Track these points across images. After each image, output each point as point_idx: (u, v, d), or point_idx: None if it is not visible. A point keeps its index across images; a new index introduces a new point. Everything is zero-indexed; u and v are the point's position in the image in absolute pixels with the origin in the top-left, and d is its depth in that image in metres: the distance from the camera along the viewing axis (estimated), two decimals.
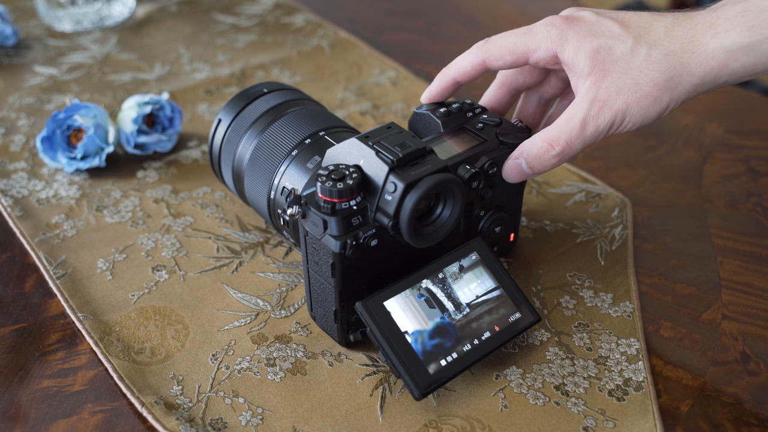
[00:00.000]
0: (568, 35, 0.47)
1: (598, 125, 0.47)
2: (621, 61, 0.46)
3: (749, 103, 0.79)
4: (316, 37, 0.93)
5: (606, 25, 0.47)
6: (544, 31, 0.48)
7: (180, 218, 0.62)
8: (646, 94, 0.46)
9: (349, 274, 0.46)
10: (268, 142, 0.55)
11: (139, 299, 0.55)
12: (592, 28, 0.47)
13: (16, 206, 0.64)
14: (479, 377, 0.48)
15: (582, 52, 0.47)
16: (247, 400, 0.47)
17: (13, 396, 0.48)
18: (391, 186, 0.44)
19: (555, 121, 0.49)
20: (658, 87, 0.46)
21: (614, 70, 0.46)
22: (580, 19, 0.48)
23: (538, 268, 0.57)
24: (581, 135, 0.47)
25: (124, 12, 0.97)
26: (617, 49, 0.46)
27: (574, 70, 0.48)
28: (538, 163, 0.48)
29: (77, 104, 0.68)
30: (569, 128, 0.47)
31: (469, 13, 1.01)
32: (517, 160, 0.49)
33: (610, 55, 0.46)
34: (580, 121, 0.47)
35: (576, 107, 0.47)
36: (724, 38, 0.44)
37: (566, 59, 0.48)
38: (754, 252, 0.59)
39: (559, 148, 0.47)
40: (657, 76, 0.46)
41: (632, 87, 0.46)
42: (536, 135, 0.49)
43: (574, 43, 0.47)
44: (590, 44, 0.47)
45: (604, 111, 0.46)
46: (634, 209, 0.63)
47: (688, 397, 0.47)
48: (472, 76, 0.52)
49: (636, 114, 0.46)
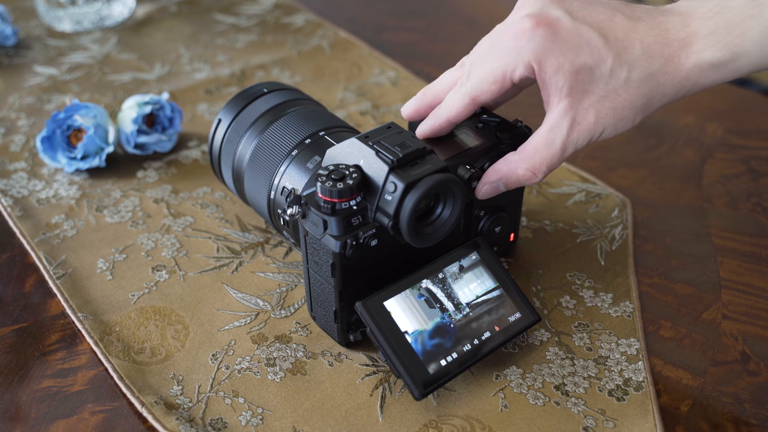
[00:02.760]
0: (546, 50, 0.44)
1: (577, 146, 0.47)
2: (600, 82, 0.45)
3: (749, 103, 0.79)
4: (316, 37, 0.93)
5: (585, 36, 0.44)
6: (515, 48, 0.45)
7: (180, 218, 0.62)
8: (622, 117, 0.46)
9: (349, 274, 0.46)
10: (268, 142, 0.55)
11: (139, 299, 0.55)
12: (570, 41, 0.44)
13: (16, 206, 0.64)
14: (479, 377, 0.48)
15: (561, 72, 0.44)
16: (247, 400, 0.47)
17: (13, 396, 0.48)
18: (391, 186, 0.44)
19: (533, 142, 0.47)
20: (634, 110, 0.46)
21: (593, 92, 0.45)
22: (553, 24, 0.44)
23: (538, 268, 0.57)
24: (561, 157, 0.47)
25: (124, 12, 0.97)
26: (598, 69, 0.45)
27: (549, 86, 0.45)
28: (517, 185, 0.48)
29: (77, 104, 0.68)
30: (550, 153, 0.46)
31: (469, 13, 1.01)
32: (495, 185, 0.48)
33: (590, 75, 0.45)
34: (561, 145, 0.46)
35: (555, 130, 0.46)
36: (698, 58, 0.45)
37: (544, 76, 0.45)
38: (754, 252, 0.59)
39: (541, 174, 0.47)
40: (635, 101, 0.46)
41: (610, 111, 0.46)
42: (515, 161, 0.47)
43: (553, 62, 0.44)
44: (571, 64, 0.44)
45: (582, 134, 0.46)
46: (634, 209, 0.63)
47: (688, 397, 0.47)
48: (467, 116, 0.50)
49: (610, 133, 0.47)
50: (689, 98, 0.49)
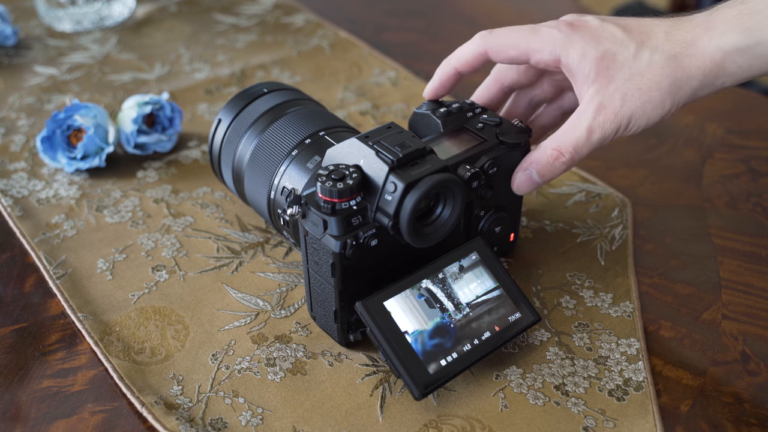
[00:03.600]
0: (573, 40, 0.48)
1: (605, 131, 0.47)
2: (625, 67, 0.47)
3: (749, 103, 0.79)
4: (316, 37, 0.93)
5: (609, 30, 0.48)
6: (549, 34, 0.48)
7: (180, 218, 0.62)
8: (649, 99, 0.47)
9: (349, 274, 0.46)
10: (268, 142, 0.55)
11: (139, 299, 0.55)
12: (595, 34, 0.48)
13: (16, 206, 0.64)
14: (479, 377, 0.48)
15: (587, 59, 0.47)
16: (247, 400, 0.47)
17: (13, 396, 0.48)
18: (391, 186, 0.44)
19: (561, 126, 0.49)
20: (661, 92, 0.47)
21: (618, 77, 0.47)
22: (583, 24, 0.48)
23: (538, 268, 0.57)
24: (588, 141, 0.48)
25: (124, 12, 0.97)
26: (621, 54, 0.47)
27: (577, 76, 0.48)
28: (548, 171, 0.49)
29: (77, 104, 0.68)
30: (576, 135, 0.48)
31: (469, 13, 1.01)
32: (527, 171, 0.50)
33: (614, 61, 0.47)
34: (587, 128, 0.47)
35: (582, 114, 0.48)
36: (720, 40, 0.46)
37: (570, 64, 0.48)
38: (754, 252, 0.59)
39: (568, 155, 0.48)
40: (660, 81, 0.46)
41: (636, 93, 0.47)
42: (543, 144, 0.49)
43: (578, 49, 0.47)
44: (595, 51, 0.47)
45: (609, 118, 0.47)
46: (634, 209, 0.63)
47: (688, 397, 0.47)
48: (473, 66, 0.52)
49: (640, 118, 0.47)
50: None
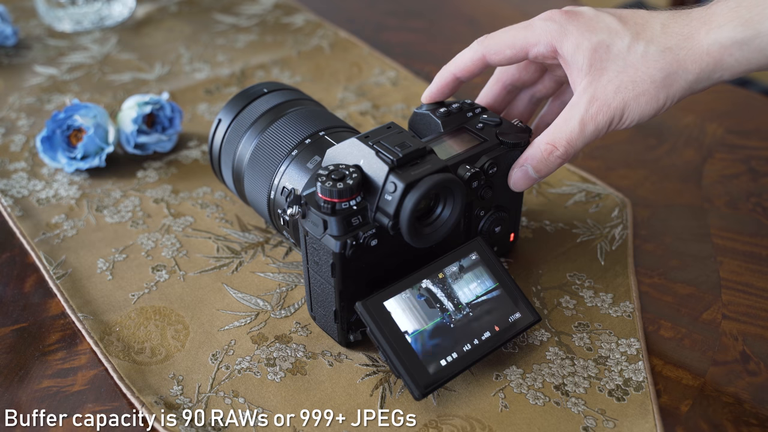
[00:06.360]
0: (567, 30, 0.47)
1: (597, 124, 0.47)
2: (618, 59, 0.46)
3: (749, 103, 0.79)
4: (316, 37, 0.93)
5: (605, 21, 0.47)
6: (544, 26, 0.48)
7: (180, 218, 0.62)
8: (643, 92, 0.46)
9: (349, 274, 0.46)
10: (268, 142, 0.55)
11: (139, 299, 0.55)
12: (591, 24, 0.47)
13: (16, 206, 0.64)
14: (479, 377, 0.48)
15: (581, 50, 0.47)
16: (247, 400, 0.47)
17: (13, 396, 0.48)
18: (391, 186, 0.44)
19: (554, 121, 0.49)
20: (655, 84, 0.46)
21: (611, 68, 0.46)
22: (579, 14, 0.48)
23: (538, 268, 0.57)
24: (582, 134, 0.47)
25: (124, 12, 0.97)
26: (615, 46, 0.47)
27: (572, 67, 0.48)
28: (544, 166, 0.49)
29: (77, 104, 0.68)
30: (569, 128, 0.47)
31: (469, 13, 1.01)
32: (523, 167, 0.50)
33: (607, 52, 0.47)
34: (579, 121, 0.47)
35: (574, 107, 0.47)
36: (718, 33, 0.45)
37: (565, 55, 0.48)
38: (754, 252, 0.59)
39: (562, 149, 0.48)
40: (654, 74, 0.46)
41: (630, 85, 0.46)
42: (537, 139, 0.49)
43: (573, 40, 0.47)
44: (589, 41, 0.47)
45: (602, 110, 0.47)
46: (634, 209, 0.63)
47: (688, 397, 0.47)
48: (472, 72, 0.52)
49: (634, 111, 0.47)
50: (689, 98, 0.49)
